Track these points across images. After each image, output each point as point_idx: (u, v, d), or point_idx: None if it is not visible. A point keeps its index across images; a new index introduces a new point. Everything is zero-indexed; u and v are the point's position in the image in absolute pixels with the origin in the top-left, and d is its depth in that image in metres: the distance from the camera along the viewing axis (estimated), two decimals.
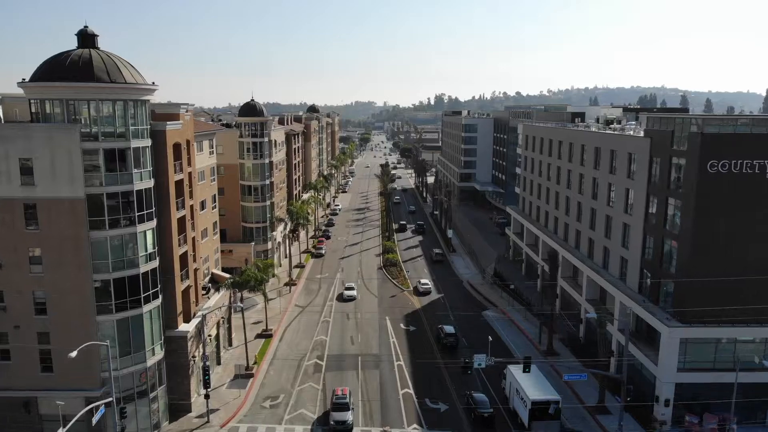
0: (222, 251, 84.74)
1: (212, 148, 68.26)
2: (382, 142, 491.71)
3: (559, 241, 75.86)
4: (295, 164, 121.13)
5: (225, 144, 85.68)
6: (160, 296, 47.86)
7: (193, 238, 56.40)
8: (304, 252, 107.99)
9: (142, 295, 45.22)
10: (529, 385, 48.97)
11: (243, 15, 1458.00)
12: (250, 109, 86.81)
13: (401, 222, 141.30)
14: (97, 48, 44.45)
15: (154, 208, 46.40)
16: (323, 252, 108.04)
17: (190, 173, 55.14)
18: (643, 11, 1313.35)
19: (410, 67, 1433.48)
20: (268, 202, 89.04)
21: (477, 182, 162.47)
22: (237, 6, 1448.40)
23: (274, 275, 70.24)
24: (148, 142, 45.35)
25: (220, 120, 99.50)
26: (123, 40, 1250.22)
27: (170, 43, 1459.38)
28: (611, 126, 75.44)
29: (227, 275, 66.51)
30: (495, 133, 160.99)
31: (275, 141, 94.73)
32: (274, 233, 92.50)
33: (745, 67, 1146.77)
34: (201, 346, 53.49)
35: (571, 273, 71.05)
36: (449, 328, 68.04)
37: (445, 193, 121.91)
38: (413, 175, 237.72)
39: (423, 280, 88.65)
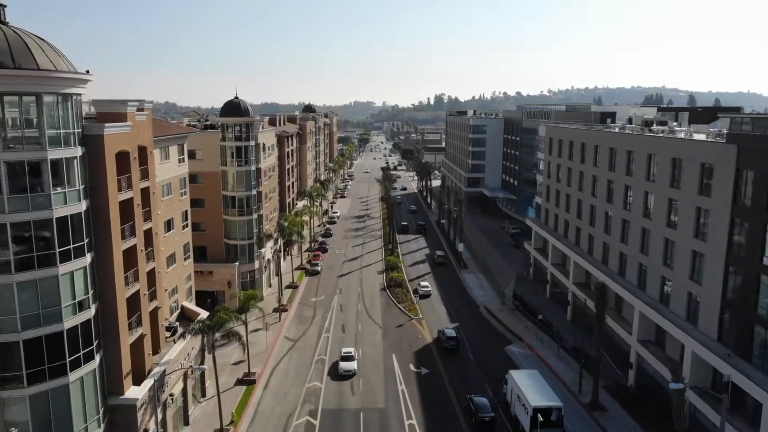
0: (200, 273, 73.18)
1: (182, 154, 56.39)
2: (382, 142, 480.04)
3: (596, 264, 64.12)
4: (288, 169, 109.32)
5: (204, 149, 74.01)
6: (98, 356, 36.06)
7: (152, 270, 44.59)
8: (297, 269, 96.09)
9: (69, 359, 33.44)
10: (531, 391, 47.08)
11: (242, 15, 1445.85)
12: (233, 108, 74.90)
13: (402, 223, 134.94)
14: (5, 23, 32.59)
15: (87, 240, 34.60)
16: (319, 269, 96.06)
17: (146, 188, 43.33)
18: (643, 11, 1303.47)
19: (410, 67, 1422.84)
20: (255, 216, 77.13)
21: (486, 187, 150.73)
22: (236, 5, 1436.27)
23: (257, 306, 58.32)
24: (77, 152, 33.55)
25: (206, 120, 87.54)
26: (123, 40, 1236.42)
27: (169, 42, 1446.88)
28: (652, 128, 63.97)
29: (201, 311, 54.69)
30: (505, 135, 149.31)
31: (264, 144, 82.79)
32: (263, 250, 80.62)
33: (745, 67, 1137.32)
34: (159, 411, 41.63)
35: (613, 304, 59.32)
36: (450, 332, 66.52)
37: (455, 202, 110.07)
38: (415, 178, 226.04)
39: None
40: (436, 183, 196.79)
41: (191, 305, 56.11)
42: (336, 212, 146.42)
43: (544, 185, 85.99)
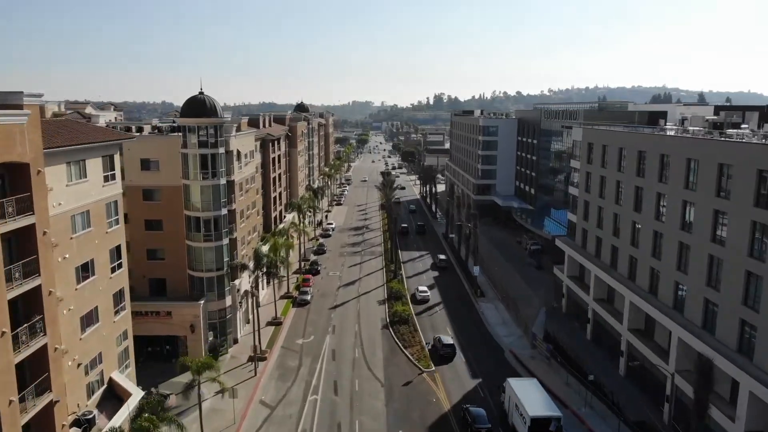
0: (155, 314, 58.30)
1: (111, 169, 41.11)
2: (381, 143, 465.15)
3: (666, 311, 48.95)
4: (274, 178, 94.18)
5: (162, 157, 58.93)
6: None
7: (42, 350, 29.44)
8: (283, 297, 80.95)
9: None
10: (529, 400, 45.53)
11: (240, 14, 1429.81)
12: (195, 106, 59.49)
13: (402, 225, 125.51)
14: None
15: None
16: (309, 297, 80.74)
17: (31, 227, 28.20)
18: (643, 11, 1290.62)
19: (409, 67, 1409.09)
20: (225, 240, 61.87)
21: (497, 195, 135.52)
22: (234, 4, 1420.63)
23: (215, 379, 43.16)
24: None
25: (173, 121, 72.13)
26: (121, 40, 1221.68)
27: (168, 42, 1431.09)
28: (726, 132, 49.08)
29: (134, 389, 39.50)
30: (519, 137, 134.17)
31: (238, 152, 67.50)
32: (237, 281, 65.37)
33: (746, 68, 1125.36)
34: None
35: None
36: (447, 339, 64.34)
37: (468, 216, 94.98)
38: (417, 182, 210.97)
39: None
40: (440, 187, 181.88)
41: (122, 379, 40.77)
42: (331, 224, 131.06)
43: (580, 200, 70.85)
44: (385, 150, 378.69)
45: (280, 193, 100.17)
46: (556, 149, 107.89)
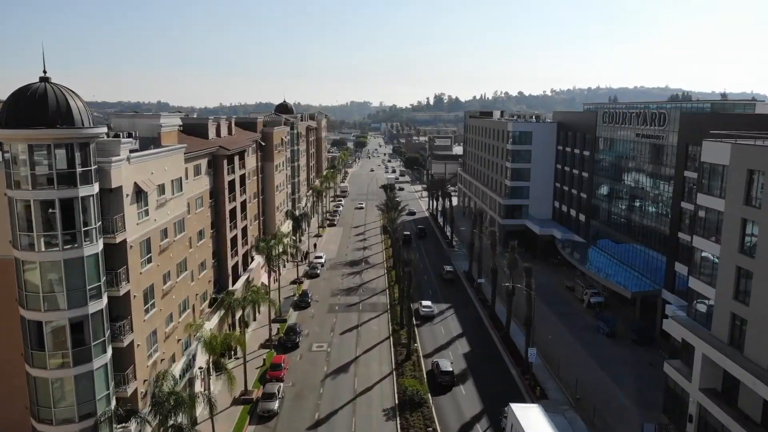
0: None
1: None
2: (380, 146, 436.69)
3: None
4: (233, 209, 65.56)
5: None
6: None
7: None
8: (237, 402, 52.08)
9: None
10: (533, 428, 41.57)
11: (238, 14, 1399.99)
12: (30, 105, 30.26)
13: (405, 233, 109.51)
14: None
15: None
16: (275, 407, 50.95)
17: None
18: (643, 12, 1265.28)
19: (408, 67, 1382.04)
20: (102, 359, 33.05)
21: (531, 220, 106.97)
22: (232, 5, 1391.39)
23: None
24: None
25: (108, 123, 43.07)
26: (121, 40, 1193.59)
27: (166, 42, 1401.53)
28: None
29: None
30: (559, 146, 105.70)
31: (139, 188, 38.31)
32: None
33: (747, 68, 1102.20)
34: None
35: None
36: (445, 364, 56.52)
37: (510, 262, 66.24)
38: (422, 193, 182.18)
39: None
40: (454, 201, 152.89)
41: None
42: (320, 257, 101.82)
43: (727, 265, 42.05)
44: (385, 154, 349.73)
45: (244, 228, 71.36)
46: (628, 165, 79.36)
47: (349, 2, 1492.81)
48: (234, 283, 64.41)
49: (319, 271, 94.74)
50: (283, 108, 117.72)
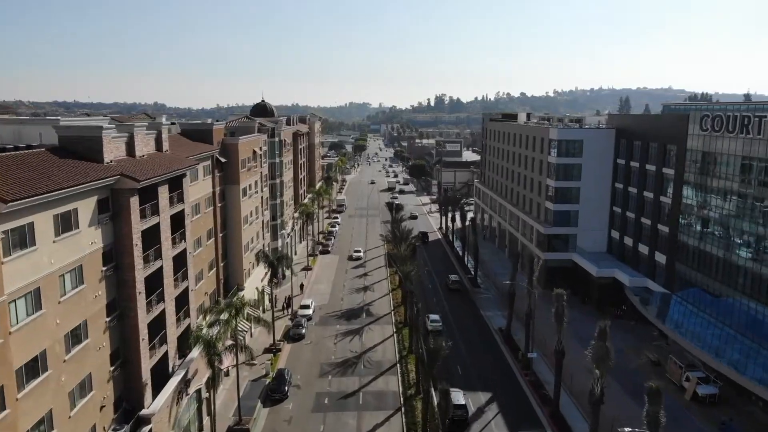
0: None
1: None
2: (381, 149, 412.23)
3: None
4: (153, 275, 40.95)
5: None
6: None
7: None
8: None
9: None
10: None
11: (237, 15, 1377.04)
12: None
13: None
14: None
15: None
16: None
17: None
18: (644, 12, 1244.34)
19: (408, 68, 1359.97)
20: None
21: (580, 253, 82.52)
22: (230, 6, 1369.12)
23: None
24: None
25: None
26: (120, 40, 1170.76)
27: (165, 43, 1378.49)
28: None
29: None
30: (619, 159, 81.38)
31: None
32: None
33: (749, 69, 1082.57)
34: None
35: None
36: (458, 396, 48.74)
37: (558, 316, 43.36)
38: (432, 210, 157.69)
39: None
40: (468, 216, 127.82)
41: None
42: (307, 306, 76.86)
43: None
44: (386, 159, 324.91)
45: (182, 296, 46.75)
46: (746, 192, 54.96)
47: (350, 2, 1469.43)
48: (156, 395, 39.78)
49: (304, 330, 70.08)
50: (260, 110, 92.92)
